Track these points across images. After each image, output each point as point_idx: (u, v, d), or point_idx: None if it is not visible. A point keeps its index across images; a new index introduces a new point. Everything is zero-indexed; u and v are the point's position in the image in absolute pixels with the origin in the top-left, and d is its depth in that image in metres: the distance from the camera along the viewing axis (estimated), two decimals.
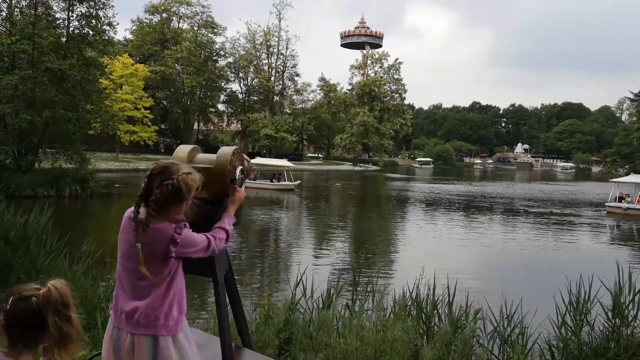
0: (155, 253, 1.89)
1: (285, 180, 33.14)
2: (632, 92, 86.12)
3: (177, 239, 1.89)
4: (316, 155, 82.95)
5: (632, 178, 29.09)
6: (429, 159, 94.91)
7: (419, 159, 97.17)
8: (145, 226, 1.88)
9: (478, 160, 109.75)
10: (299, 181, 35.05)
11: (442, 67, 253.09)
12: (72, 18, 25.37)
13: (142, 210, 1.92)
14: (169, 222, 1.93)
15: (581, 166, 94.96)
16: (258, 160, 38.28)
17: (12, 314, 1.36)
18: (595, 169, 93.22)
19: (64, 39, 24.91)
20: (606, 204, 27.54)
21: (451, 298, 4.72)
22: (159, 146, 52.98)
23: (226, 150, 2.42)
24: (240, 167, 2.42)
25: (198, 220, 2.19)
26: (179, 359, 1.95)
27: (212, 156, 2.43)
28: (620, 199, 27.24)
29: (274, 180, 33.42)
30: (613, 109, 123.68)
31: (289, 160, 46.12)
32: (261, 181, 33.44)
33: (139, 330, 1.93)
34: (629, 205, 26.29)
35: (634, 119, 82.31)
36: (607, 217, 25.38)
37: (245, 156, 2.86)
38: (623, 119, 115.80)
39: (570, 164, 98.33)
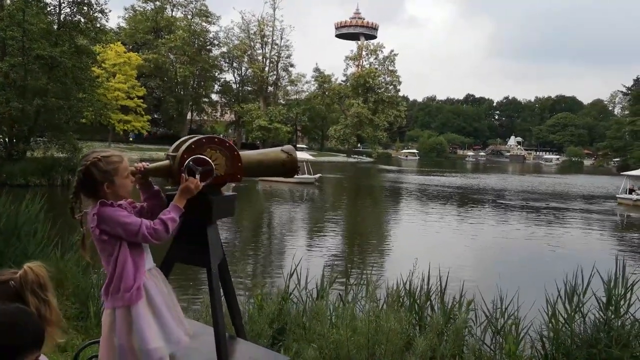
0: (93, 234, 2.02)
1: (305, 173, 32.04)
2: (624, 86, 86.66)
3: (94, 216, 1.97)
4: (303, 146, 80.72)
5: None
6: (414, 151, 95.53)
7: (404, 151, 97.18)
8: (70, 211, 2.02)
9: (470, 153, 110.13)
10: (319, 174, 33.60)
11: (439, 59, 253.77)
12: (63, 4, 25.06)
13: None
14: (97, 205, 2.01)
15: (573, 159, 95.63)
16: None
17: None
18: (587, 162, 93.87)
19: (55, 26, 24.59)
20: (617, 195, 29.46)
21: (444, 289, 4.74)
22: (128, 135, 50.68)
23: (190, 139, 2.30)
24: (197, 156, 2.22)
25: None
26: (132, 328, 2.01)
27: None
28: (631, 191, 29.02)
29: None
30: (606, 102, 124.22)
31: None
32: None
33: (105, 306, 2.08)
34: (638, 197, 27.98)
35: (626, 112, 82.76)
36: (618, 207, 27.14)
37: (287, 148, 2.64)
38: (615, 112, 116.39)
39: (552, 157, 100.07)
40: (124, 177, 2.06)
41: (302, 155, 35.03)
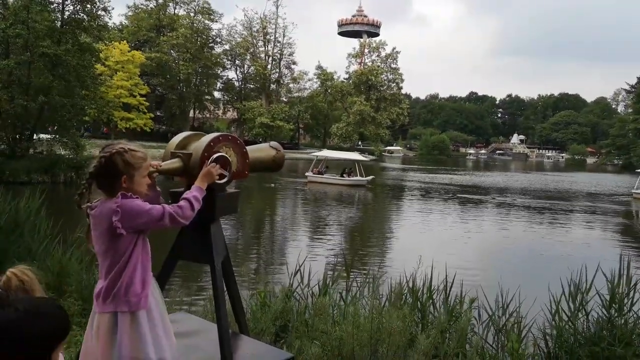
0: (105, 230, 1.90)
1: (357, 175, 30.84)
2: (628, 84, 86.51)
3: (117, 209, 1.86)
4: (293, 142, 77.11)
5: None
6: (397, 148, 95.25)
7: (387, 148, 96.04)
8: (79, 197, 1.95)
9: (471, 151, 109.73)
10: (373, 176, 32.19)
11: (442, 56, 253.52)
12: (66, 2, 25.08)
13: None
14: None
15: (576, 157, 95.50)
16: (327, 153, 35.14)
17: None
18: (590, 160, 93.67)
19: (58, 24, 24.63)
20: (632, 191, 30.99)
21: (448, 287, 4.72)
22: (89, 129, 48.21)
23: (207, 137, 2.30)
24: (219, 154, 2.22)
25: None
26: (137, 336, 1.89)
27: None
28: None
29: (344, 175, 30.92)
30: (609, 100, 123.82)
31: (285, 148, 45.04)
32: (329, 176, 31.05)
33: (103, 308, 1.93)
34: None
35: (630, 110, 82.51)
36: (633, 202, 28.34)
37: (274, 144, 2.66)
38: (619, 110, 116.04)
39: (552, 154, 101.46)
40: (143, 176, 2.00)
41: (354, 156, 33.82)
